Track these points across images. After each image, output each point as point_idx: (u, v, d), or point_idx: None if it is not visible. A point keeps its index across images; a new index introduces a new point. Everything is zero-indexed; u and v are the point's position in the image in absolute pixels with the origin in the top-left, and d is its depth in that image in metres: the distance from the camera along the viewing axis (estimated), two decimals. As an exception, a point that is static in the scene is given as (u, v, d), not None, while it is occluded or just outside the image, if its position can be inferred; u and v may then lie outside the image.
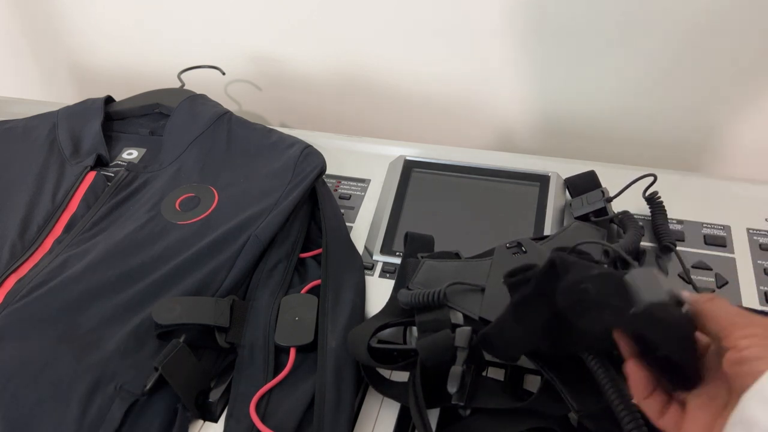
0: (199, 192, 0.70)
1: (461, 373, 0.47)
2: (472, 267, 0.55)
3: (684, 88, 0.78)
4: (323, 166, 0.71)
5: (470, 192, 0.71)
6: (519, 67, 0.82)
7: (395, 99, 0.91)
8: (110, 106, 0.83)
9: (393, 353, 0.54)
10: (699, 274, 0.61)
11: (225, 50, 0.94)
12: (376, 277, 0.65)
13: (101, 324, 0.57)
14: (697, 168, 0.84)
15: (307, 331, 0.57)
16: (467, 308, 0.51)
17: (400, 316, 0.55)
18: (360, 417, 0.54)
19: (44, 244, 0.65)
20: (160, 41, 0.97)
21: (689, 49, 0.74)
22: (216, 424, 0.54)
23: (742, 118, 0.78)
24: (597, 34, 0.76)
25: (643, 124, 0.82)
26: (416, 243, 0.62)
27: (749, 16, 0.70)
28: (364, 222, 0.71)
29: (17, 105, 0.91)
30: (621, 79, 0.79)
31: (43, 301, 0.58)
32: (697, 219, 0.67)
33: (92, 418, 0.51)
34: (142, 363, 0.55)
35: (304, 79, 0.94)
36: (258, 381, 0.55)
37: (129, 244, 0.64)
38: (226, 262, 0.62)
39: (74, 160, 0.74)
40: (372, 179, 0.75)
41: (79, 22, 1.00)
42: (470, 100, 0.88)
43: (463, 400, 0.48)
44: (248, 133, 0.75)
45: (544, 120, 0.86)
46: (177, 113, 0.78)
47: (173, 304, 0.57)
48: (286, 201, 0.66)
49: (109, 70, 1.05)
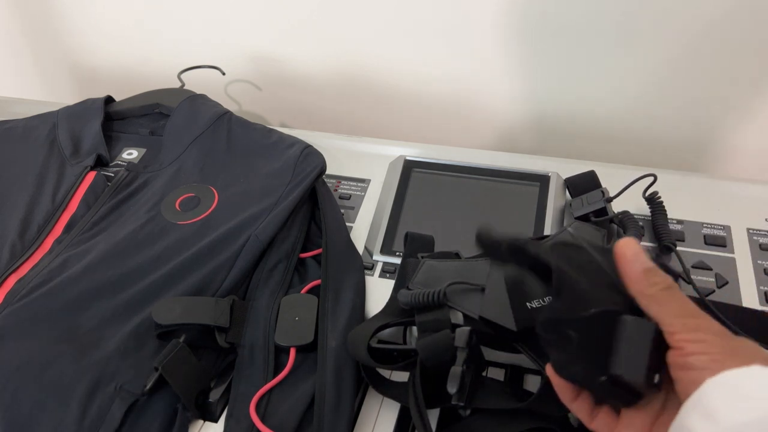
0: (199, 192, 0.70)
1: (461, 373, 0.47)
2: (472, 267, 0.55)
3: (684, 88, 0.78)
4: (323, 166, 0.71)
5: (470, 192, 0.71)
6: (519, 67, 0.82)
7: (395, 99, 0.91)
8: (110, 106, 0.83)
9: (393, 353, 0.54)
10: (699, 274, 0.61)
11: (225, 50, 0.94)
12: (376, 277, 0.65)
13: (101, 324, 0.57)
14: (697, 168, 0.84)
15: (307, 331, 0.57)
16: (467, 308, 0.51)
17: (400, 316, 0.55)
18: (360, 417, 0.54)
19: (44, 244, 0.65)
20: (160, 41, 0.97)
21: (689, 49, 0.74)
22: (216, 424, 0.54)
23: (742, 118, 0.78)
24: (597, 34, 0.76)
25: (643, 124, 0.82)
26: (416, 243, 0.62)
27: (749, 17, 0.70)
28: (364, 222, 0.71)
29: (17, 105, 0.91)
30: (621, 79, 0.79)
31: (43, 301, 0.58)
32: (697, 219, 0.67)
33: (92, 418, 0.51)
34: (142, 363, 0.55)
35: (304, 79, 0.94)
36: (258, 381, 0.55)
37: (129, 244, 0.64)
38: (226, 262, 0.62)
39: (74, 160, 0.74)
40: (372, 179, 0.75)
41: (79, 22, 1.00)
42: (470, 100, 0.87)
43: (463, 401, 0.47)
44: (248, 133, 0.75)
45: (544, 120, 0.86)
46: (177, 113, 0.78)
47: (173, 304, 0.57)
48: (286, 201, 0.66)
49: (109, 70, 1.05)
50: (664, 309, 0.35)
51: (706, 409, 0.31)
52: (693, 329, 0.34)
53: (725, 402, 0.31)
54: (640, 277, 0.36)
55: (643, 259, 0.37)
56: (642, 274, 0.36)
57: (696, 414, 0.32)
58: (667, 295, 0.36)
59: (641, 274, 0.36)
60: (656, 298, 0.36)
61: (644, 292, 0.36)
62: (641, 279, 0.36)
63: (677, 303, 0.35)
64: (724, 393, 0.31)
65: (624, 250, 0.37)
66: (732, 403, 0.31)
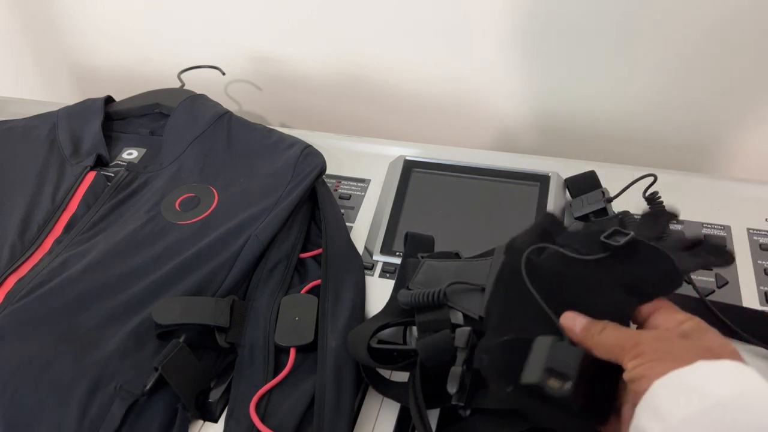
0: (199, 192, 0.70)
1: (461, 373, 0.47)
2: (472, 267, 0.55)
3: (684, 88, 0.78)
4: (323, 166, 0.71)
5: (470, 192, 0.71)
6: (519, 67, 0.82)
7: (395, 99, 0.91)
8: (110, 106, 0.83)
9: (393, 353, 0.54)
10: (699, 274, 0.61)
11: (225, 50, 0.94)
12: (376, 277, 0.65)
13: (101, 324, 0.57)
14: (697, 168, 0.84)
15: (307, 331, 0.57)
16: (467, 308, 0.51)
17: (400, 316, 0.55)
18: (360, 417, 0.54)
19: (44, 244, 0.65)
20: (160, 41, 0.97)
21: (689, 50, 0.74)
22: (216, 424, 0.54)
23: (743, 118, 0.78)
24: (597, 34, 0.76)
25: (643, 124, 0.82)
26: (416, 243, 0.62)
27: (749, 18, 0.70)
28: (364, 222, 0.71)
29: (17, 105, 0.91)
30: (621, 79, 0.79)
31: (43, 301, 0.58)
32: (697, 219, 0.67)
33: (92, 418, 0.51)
34: (142, 363, 0.55)
35: (304, 79, 0.94)
36: (258, 381, 0.55)
37: (129, 244, 0.63)
38: (226, 262, 0.62)
39: (74, 160, 0.74)
40: (372, 179, 0.75)
41: (79, 22, 1.00)
42: (470, 100, 0.87)
43: (463, 401, 0.47)
44: (248, 133, 0.75)
45: (544, 120, 0.86)
46: (177, 113, 0.78)
47: (173, 304, 0.57)
48: (286, 201, 0.66)
49: (109, 70, 1.05)
50: (605, 348, 0.38)
51: (654, 409, 0.33)
52: (632, 346, 0.36)
53: (670, 399, 0.32)
54: (582, 335, 0.39)
55: (580, 321, 0.40)
56: (581, 332, 0.40)
57: (646, 414, 0.33)
58: (604, 336, 0.39)
59: (581, 333, 0.40)
60: (598, 343, 0.39)
61: (591, 346, 0.39)
62: (583, 337, 0.39)
63: (613, 335, 0.38)
64: (670, 390, 0.33)
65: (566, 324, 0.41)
66: (676, 398, 0.32)
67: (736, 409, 0.31)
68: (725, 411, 0.30)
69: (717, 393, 0.31)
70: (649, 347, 0.36)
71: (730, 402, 0.31)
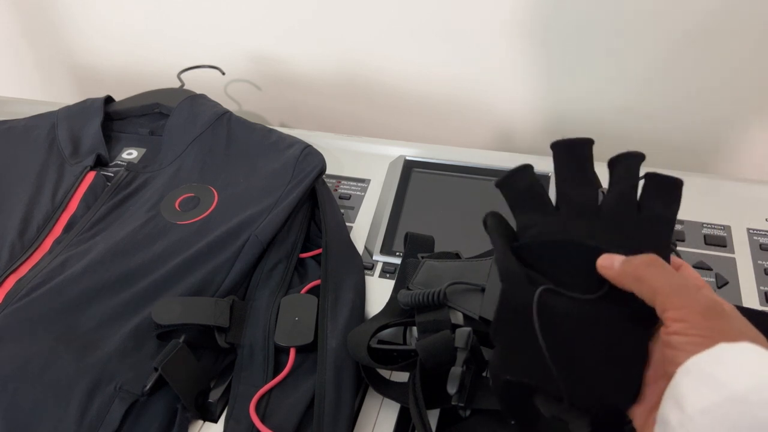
0: (198, 192, 0.70)
1: (461, 374, 0.47)
2: (472, 267, 0.55)
3: (684, 89, 0.78)
4: (323, 166, 0.71)
5: (470, 192, 0.71)
6: (519, 67, 0.82)
7: (395, 99, 0.91)
8: (110, 106, 0.83)
9: (393, 354, 0.54)
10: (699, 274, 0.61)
11: (225, 50, 0.94)
12: (376, 277, 0.65)
13: (101, 324, 0.57)
14: (698, 168, 0.84)
15: (307, 331, 0.57)
16: (467, 308, 0.51)
17: (400, 316, 0.55)
18: (360, 417, 0.54)
19: (44, 244, 0.65)
20: (160, 41, 0.97)
21: (689, 50, 0.74)
22: (216, 424, 0.54)
23: (743, 118, 0.78)
24: (597, 34, 0.76)
25: (643, 124, 0.82)
26: (416, 243, 0.62)
27: (749, 17, 0.70)
28: (364, 222, 0.71)
29: (17, 105, 0.91)
30: (621, 79, 0.79)
31: (42, 301, 0.58)
32: (697, 219, 0.66)
33: (92, 418, 0.51)
34: (142, 363, 0.55)
35: (305, 79, 0.94)
36: (258, 381, 0.55)
37: (128, 244, 0.63)
38: (226, 262, 0.62)
39: (74, 160, 0.74)
40: (372, 179, 0.75)
41: (79, 22, 1.00)
42: (470, 100, 0.87)
43: (463, 401, 0.47)
44: (248, 133, 0.75)
45: (544, 120, 0.86)
46: (177, 113, 0.78)
47: (173, 304, 0.57)
48: (286, 201, 0.66)
49: (109, 70, 1.05)
50: (645, 287, 0.35)
51: (676, 397, 0.31)
52: (678, 307, 0.33)
53: (690, 388, 0.31)
54: (620, 268, 0.37)
55: (618, 257, 0.37)
56: (620, 264, 0.37)
57: (670, 402, 0.32)
58: (649, 272, 0.35)
59: (620, 266, 0.37)
60: (638, 276, 0.36)
61: (627, 275, 0.36)
62: (621, 269, 0.37)
63: (661, 278, 0.35)
64: (691, 379, 0.31)
65: (601, 262, 0.38)
66: (697, 388, 0.31)
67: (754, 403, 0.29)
68: (743, 403, 0.29)
69: (734, 383, 0.30)
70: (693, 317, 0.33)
71: (748, 394, 0.29)
